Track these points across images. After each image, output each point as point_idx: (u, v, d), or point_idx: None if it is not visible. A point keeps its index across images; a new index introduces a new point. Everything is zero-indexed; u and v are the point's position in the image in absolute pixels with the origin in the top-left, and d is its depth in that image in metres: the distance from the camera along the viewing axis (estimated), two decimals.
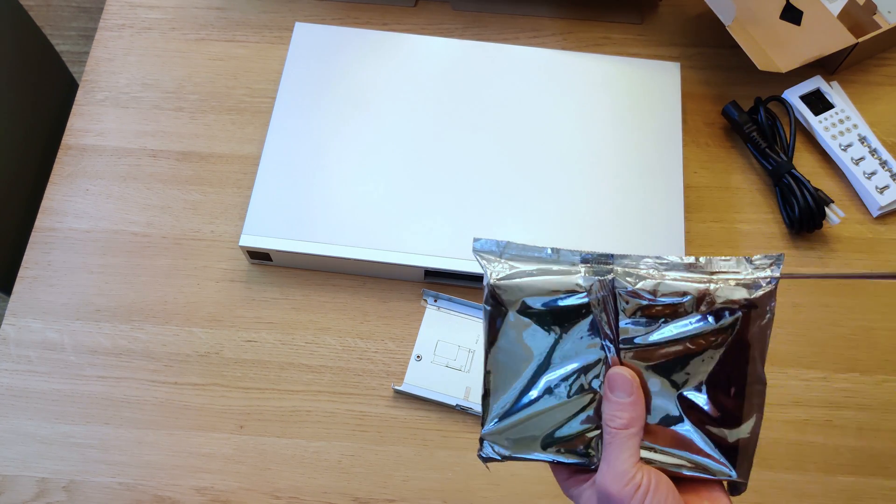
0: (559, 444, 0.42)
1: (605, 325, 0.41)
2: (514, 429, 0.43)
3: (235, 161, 0.75)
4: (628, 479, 0.38)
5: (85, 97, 0.78)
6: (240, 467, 0.64)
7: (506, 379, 0.43)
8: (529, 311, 0.42)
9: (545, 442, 0.42)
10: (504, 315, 0.42)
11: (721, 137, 0.78)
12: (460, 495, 0.64)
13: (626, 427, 0.39)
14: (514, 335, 0.42)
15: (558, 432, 0.42)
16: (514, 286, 0.42)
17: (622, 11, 0.83)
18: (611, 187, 0.70)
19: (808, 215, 0.71)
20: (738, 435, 0.41)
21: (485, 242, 0.43)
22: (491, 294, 0.42)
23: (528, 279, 0.42)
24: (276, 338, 0.68)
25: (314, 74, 0.75)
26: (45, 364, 0.67)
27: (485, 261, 0.43)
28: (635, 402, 0.40)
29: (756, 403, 0.41)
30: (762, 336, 0.40)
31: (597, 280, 0.41)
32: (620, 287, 0.41)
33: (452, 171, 0.71)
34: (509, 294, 0.42)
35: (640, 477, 0.38)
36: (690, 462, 0.41)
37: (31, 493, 0.63)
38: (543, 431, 0.42)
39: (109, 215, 0.73)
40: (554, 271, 0.42)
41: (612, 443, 0.39)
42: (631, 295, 0.41)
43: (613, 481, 0.39)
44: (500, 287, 0.42)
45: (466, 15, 0.83)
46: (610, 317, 0.41)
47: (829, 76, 0.80)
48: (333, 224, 0.68)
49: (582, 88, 0.75)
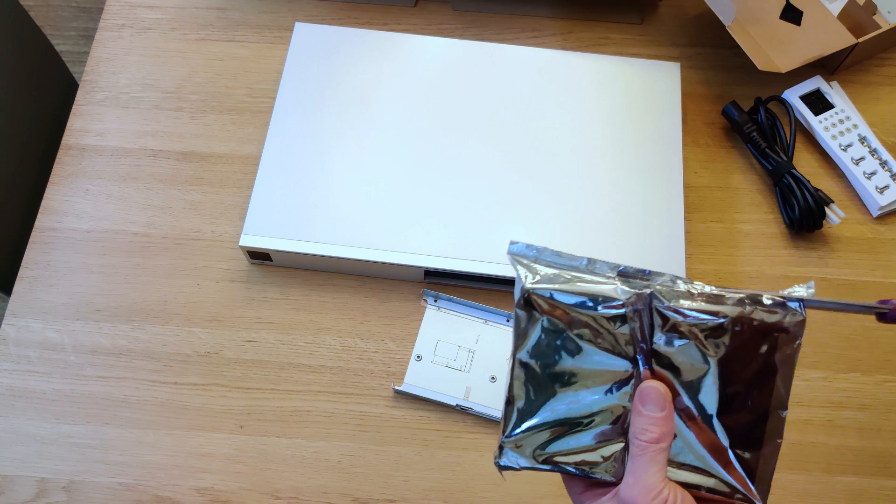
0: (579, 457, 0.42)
1: (638, 338, 0.41)
2: (535, 438, 0.42)
3: (235, 161, 0.75)
4: (656, 493, 0.38)
5: (85, 97, 0.78)
6: (240, 467, 0.64)
7: (531, 387, 0.42)
8: (564, 322, 0.42)
9: (566, 454, 0.42)
10: (536, 321, 0.42)
11: (721, 137, 0.78)
12: (461, 495, 0.64)
13: (657, 441, 0.39)
14: (544, 343, 0.42)
15: (579, 444, 0.42)
16: (548, 292, 0.42)
17: (622, 11, 0.83)
18: (611, 187, 0.70)
19: (808, 215, 0.71)
20: (758, 456, 0.41)
21: (520, 246, 0.43)
22: (525, 299, 0.42)
23: (563, 285, 0.41)
24: (276, 338, 0.68)
25: (314, 74, 0.75)
26: (45, 364, 0.67)
27: (520, 265, 0.42)
28: (667, 418, 0.40)
29: (777, 428, 0.41)
30: (789, 362, 0.40)
31: (634, 293, 0.41)
32: (658, 302, 0.40)
33: (452, 170, 0.70)
34: (543, 300, 0.42)
35: (668, 493, 0.38)
36: (711, 478, 0.41)
37: (31, 493, 0.63)
38: (567, 442, 0.42)
39: (109, 215, 0.73)
40: (588, 280, 0.42)
41: (642, 456, 0.39)
42: (668, 310, 0.40)
43: (641, 494, 0.38)
44: (536, 292, 0.42)
45: (466, 15, 0.83)
46: (644, 331, 0.41)
47: (829, 76, 0.80)
48: (333, 224, 0.68)
49: (582, 88, 0.75)
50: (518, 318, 0.42)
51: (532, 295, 0.41)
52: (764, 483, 0.41)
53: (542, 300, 0.41)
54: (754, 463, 0.41)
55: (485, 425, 0.65)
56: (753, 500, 0.41)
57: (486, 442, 0.65)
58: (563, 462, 0.42)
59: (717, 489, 0.41)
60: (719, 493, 0.41)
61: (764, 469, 0.41)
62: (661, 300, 0.40)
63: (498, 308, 0.68)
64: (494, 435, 0.65)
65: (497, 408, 0.65)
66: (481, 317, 0.69)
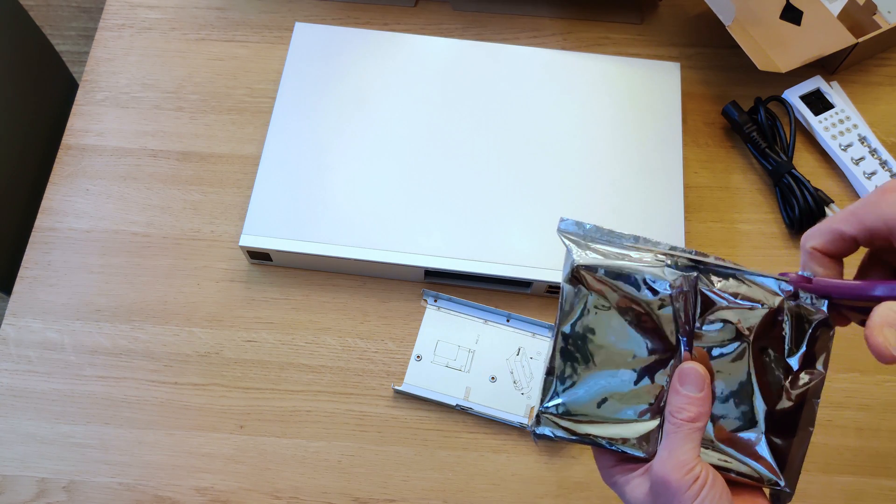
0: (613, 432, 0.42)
1: (682, 319, 0.41)
2: (571, 410, 0.43)
3: (235, 161, 0.75)
4: (689, 469, 0.39)
5: (85, 97, 0.78)
6: (240, 467, 0.64)
7: (572, 360, 0.43)
8: (611, 297, 0.42)
9: (600, 428, 0.42)
10: (582, 297, 0.42)
11: (721, 137, 0.78)
12: (460, 495, 0.64)
13: (693, 420, 0.40)
14: (589, 318, 0.43)
15: (615, 420, 0.42)
16: (597, 269, 0.42)
17: (622, 11, 0.83)
18: (611, 187, 0.70)
19: (808, 215, 0.71)
20: (790, 444, 0.41)
21: (569, 223, 0.43)
22: (573, 274, 0.42)
23: (611, 262, 0.42)
24: (276, 338, 0.68)
25: (314, 74, 0.75)
26: (45, 364, 0.67)
27: (569, 241, 0.43)
28: (705, 399, 0.40)
29: (810, 416, 0.41)
30: (826, 349, 0.41)
31: (681, 275, 0.41)
32: (703, 285, 0.41)
33: (452, 170, 0.71)
34: (591, 277, 0.42)
35: (700, 469, 0.39)
36: (742, 463, 0.41)
37: (31, 493, 0.63)
38: (603, 417, 0.42)
39: (109, 215, 0.73)
40: (636, 259, 0.42)
41: (677, 433, 0.40)
42: (713, 294, 0.41)
43: (674, 469, 0.39)
44: (584, 268, 0.42)
45: (466, 15, 0.83)
46: (689, 312, 0.41)
47: (829, 76, 0.80)
48: (333, 224, 0.68)
49: (582, 88, 0.75)
50: (565, 293, 0.43)
51: (580, 271, 0.42)
52: (793, 471, 0.41)
53: (589, 276, 0.42)
54: (786, 449, 0.41)
55: (485, 425, 0.66)
56: (782, 487, 0.41)
57: (486, 442, 0.65)
58: (596, 435, 0.42)
59: (746, 474, 0.41)
60: (748, 478, 0.41)
61: (794, 456, 0.41)
62: (707, 283, 0.41)
63: (498, 308, 0.68)
64: (494, 435, 0.65)
65: (497, 408, 0.65)
66: (481, 317, 0.69)
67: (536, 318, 0.68)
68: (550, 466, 0.64)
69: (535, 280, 0.67)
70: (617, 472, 0.43)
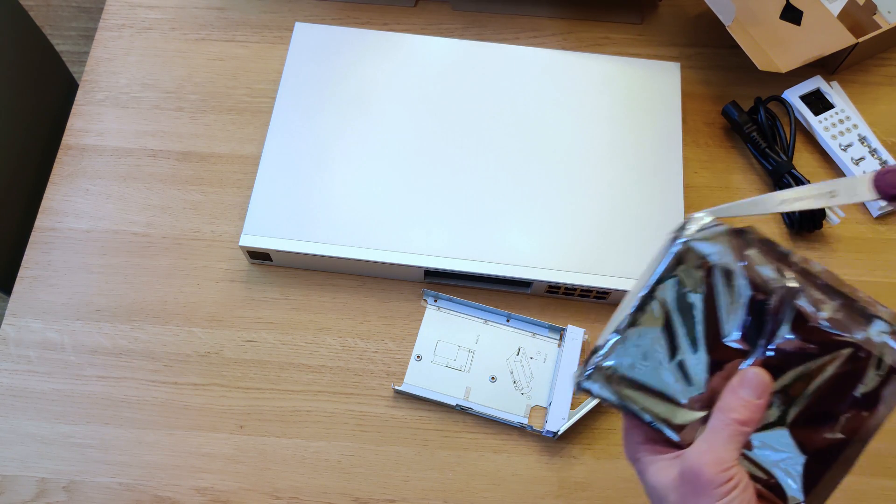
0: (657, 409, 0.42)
1: (768, 326, 0.41)
2: (626, 376, 0.43)
3: (235, 161, 0.75)
4: (726, 468, 0.39)
5: (85, 97, 0.78)
6: (240, 467, 0.64)
7: (642, 329, 0.43)
8: (704, 279, 0.42)
9: (648, 401, 0.42)
10: (679, 272, 0.42)
11: (721, 137, 0.78)
12: (461, 495, 0.64)
13: (743, 424, 0.40)
14: (676, 292, 0.43)
15: (662, 398, 0.42)
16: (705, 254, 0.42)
17: (622, 11, 0.84)
18: (611, 187, 0.70)
19: (808, 215, 0.71)
20: (825, 472, 0.41)
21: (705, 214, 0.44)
22: (680, 252, 0.42)
23: (722, 248, 0.42)
24: (276, 338, 0.68)
25: (314, 74, 0.75)
26: (45, 364, 0.67)
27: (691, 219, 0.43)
28: (760, 407, 0.40)
29: (852, 456, 0.42)
30: (892, 401, 0.41)
31: (785, 284, 0.41)
32: (802, 300, 0.41)
33: (452, 170, 0.70)
34: (692, 258, 0.42)
35: (736, 471, 0.39)
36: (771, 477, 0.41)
37: (31, 493, 0.63)
38: (653, 392, 0.42)
39: (109, 215, 0.73)
40: (746, 255, 0.42)
41: (723, 430, 0.40)
42: (806, 311, 0.41)
43: (711, 464, 0.39)
44: (692, 246, 0.42)
45: (466, 15, 0.83)
46: (777, 319, 0.41)
47: (829, 76, 0.80)
48: (333, 224, 0.68)
49: (582, 88, 0.75)
50: (666, 262, 0.43)
51: (688, 245, 0.42)
52: (819, 499, 0.41)
53: (693, 256, 0.42)
54: (819, 476, 0.41)
55: (485, 425, 0.66)
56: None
57: (486, 442, 0.65)
58: (641, 407, 0.42)
59: (773, 487, 0.41)
60: (774, 492, 0.41)
61: (825, 486, 0.41)
62: (808, 299, 0.41)
63: (498, 308, 0.68)
64: (494, 435, 0.65)
65: (497, 408, 0.65)
66: (481, 317, 0.69)
67: (536, 318, 0.68)
68: (551, 466, 0.64)
69: (535, 280, 0.67)
70: (644, 449, 0.43)
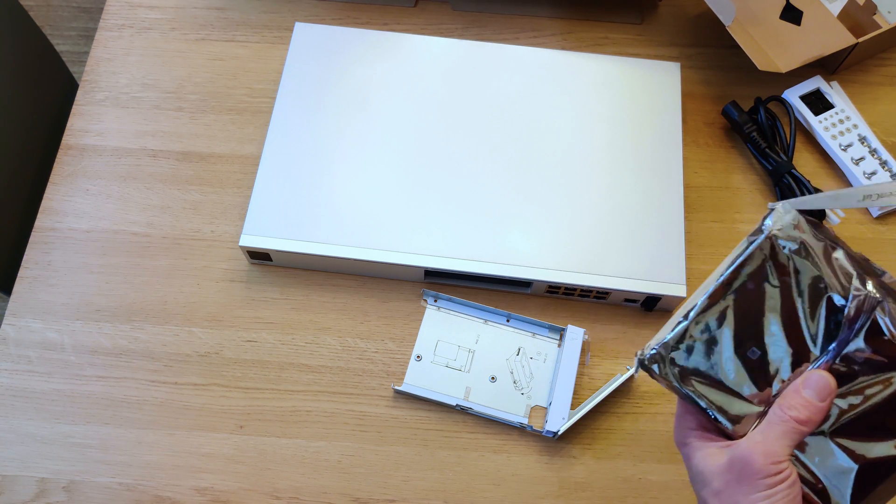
0: (715, 398, 0.42)
1: (845, 334, 0.41)
2: (688, 361, 0.43)
3: (235, 161, 0.75)
4: (778, 460, 0.39)
5: (85, 97, 0.78)
6: (240, 467, 0.64)
7: (714, 318, 0.43)
8: (784, 280, 0.42)
9: (708, 390, 0.42)
10: (760, 264, 0.42)
11: (721, 137, 0.78)
12: (461, 495, 0.64)
13: (801, 423, 0.40)
14: (753, 285, 0.42)
15: (727, 388, 0.42)
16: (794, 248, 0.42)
17: (622, 11, 0.84)
18: (611, 187, 0.70)
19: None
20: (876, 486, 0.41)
21: (783, 204, 0.44)
22: (769, 250, 0.42)
23: (812, 249, 0.42)
24: (276, 338, 0.68)
25: (314, 74, 0.75)
26: (45, 364, 0.67)
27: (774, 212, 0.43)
28: (822, 409, 0.40)
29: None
30: None
31: (865, 294, 0.41)
32: (882, 314, 0.40)
33: (452, 170, 0.70)
34: (773, 252, 0.42)
35: (786, 466, 0.39)
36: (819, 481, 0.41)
37: (31, 493, 0.63)
38: (715, 381, 0.42)
39: (109, 215, 0.73)
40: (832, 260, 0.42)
41: (780, 426, 0.40)
42: (885, 326, 0.40)
43: (763, 454, 0.39)
44: (780, 243, 0.42)
45: (466, 15, 0.83)
46: (853, 329, 0.41)
47: (829, 76, 0.80)
48: (333, 224, 0.68)
49: (582, 88, 0.75)
50: (744, 251, 0.43)
51: (775, 241, 0.42)
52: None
53: (781, 253, 0.42)
54: (869, 489, 0.41)
55: (485, 425, 0.66)
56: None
57: (486, 442, 0.65)
58: (700, 394, 0.42)
59: (821, 491, 0.41)
60: (821, 498, 0.41)
61: (872, 500, 0.41)
62: (886, 314, 0.40)
63: (498, 308, 0.68)
64: (494, 435, 0.65)
65: (497, 408, 0.65)
66: (481, 317, 0.69)
67: (536, 318, 0.68)
68: (551, 466, 0.64)
69: (535, 280, 0.67)
70: (695, 435, 0.43)
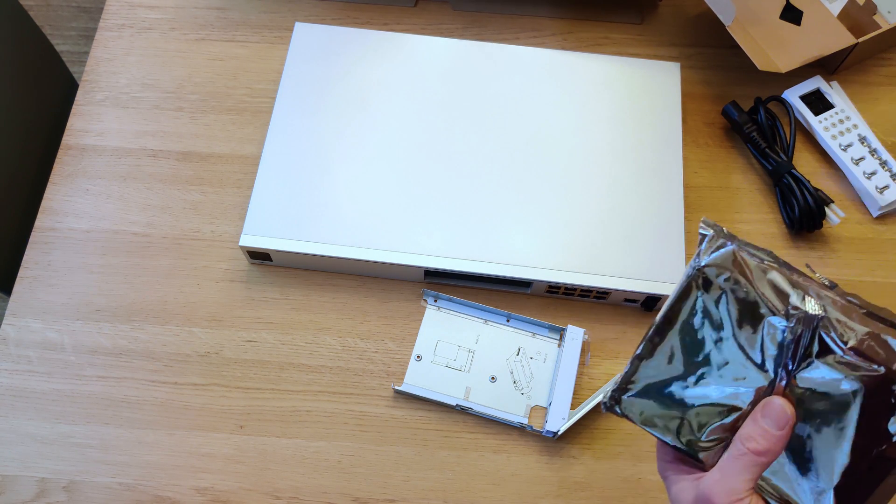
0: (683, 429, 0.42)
1: (789, 354, 0.40)
2: (650, 401, 0.43)
3: (235, 161, 0.75)
4: (737, 499, 0.38)
5: (85, 97, 0.78)
6: (240, 467, 0.64)
7: (664, 353, 0.43)
8: (723, 310, 0.42)
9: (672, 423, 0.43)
10: (696, 297, 0.42)
11: (721, 137, 0.78)
12: (461, 495, 0.64)
13: (760, 454, 0.39)
14: (695, 318, 0.42)
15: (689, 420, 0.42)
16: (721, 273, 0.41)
17: (622, 11, 0.84)
18: (610, 187, 0.70)
19: (808, 215, 0.71)
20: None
21: (714, 225, 0.43)
22: (695, 274, 0.42)
23: (737, 274, 0.41)
24: (276, 338, 0.68)
25: (314, 74, 0.75)
26: (45, 364, 0.67)
27: (708, 241, 0.42)
28: (780, 438, 0.39)
29: (888, 492, 0.39)
30: None
31: (804, 312, 0.39)
32: (826, 329, 0.39)
33: (452, 170, 0.71)
34: (706, 282, 0.42)
35: (748, 501, 0.39)
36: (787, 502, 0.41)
37: (31, 493, 0.63)
38: (676, 415, 0.42)
39: (109, 215, 0.73)
40: (766, 278, 0.41)
41: (739, 459, 0.39)
42: (830, 340, 0.39)
43: (722, 493, 0.39)
44: (706, 272, 0.41)
45: (466, 15, 0.83)
46: (798, 350, 0.40)
47: (829, 76, 0.80)
48: (333, 224, 0.68)
49: (582, 88, 0.75)
50: (681, 285, 0.42)
51: (705, 271, 0.41)
52: None
53: (715, 283, 0.41)
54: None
55: (485, 425, 0.66)
56: None
57: (486, 442, 0.65)
58: (664, 428, 0.43)
59: None
60: None
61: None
62: (829, 328, 0.39)
63: (498, 308, 0.68)
64: (495, 435, 0.65)
65: (497, 408, 0.65)
66: (481, 317, 0.69)
67: (536, 318, 0.68)
68: (551, 466, 0.64)
69: (535, 280, 0.67)
70: (671, 468, 0.43)
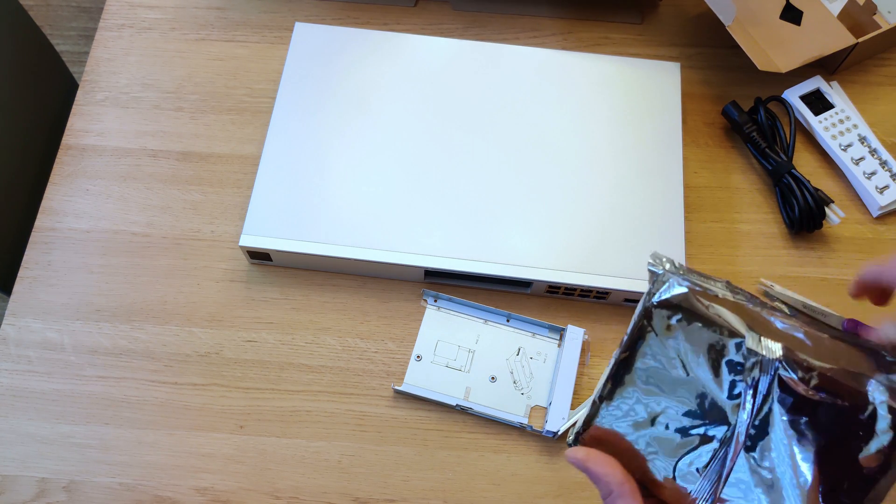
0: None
1: (748, 410, 0.37)
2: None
3: (235, 161, 0.75)
4: None
5: (85, 97, 0.78)
6: (240, 467, 0.64)
7: (623, 398, 0.41)
8: (679, 351, 0.39)
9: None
10: (650, 336, 0.39)
11: (721, 137, 0.78)
12: (461, 495, 0.64)
13: None
14: (648, 359, 0.40)
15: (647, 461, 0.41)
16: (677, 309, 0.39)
17: (622, 11, 0.84)
18: (610, 187, 0.70)
19: (808, 215, 0.71)
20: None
21: (665, 259, 0.40)
22: (646, 314, 0.39)
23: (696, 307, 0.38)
24: (276, 338, 0.68)
25: (314, 74, 0.75)
26: (45, 364, 0.67)
27: (657, 280, 0.39)
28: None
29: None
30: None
31: (760, 358, 0.37)
32: (787, 370, 0.36)
33: (452, 170, 0.71)
34: (660, 323, 0.39)
35: None
36: None
37: (31, 493, 0.63)
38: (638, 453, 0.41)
39: (109, 215, 0.73)
40: (721, 312, 0.38)
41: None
42: (793, 385, 0.36)
43: None
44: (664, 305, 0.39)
45: (466, 15, 0.83)
46: (756, 401, 0.37)
47: (829, 76, 0.80)
48: (333, 224, 0.68)
49: (582, 88, 0.75)
50: (632, 328, 0.40)
51: (658, 308, 0.39)
52: None
53: (665, 317, 0.39)
54: None
55: (485, 425, 0.66)
56: None
57: (486, 442, 0.65)
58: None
59: None
60: None
61: None
62: (789, 368, 0.36)
63: (498, 308, 0.68)
64: (495, 435, 0.65)
65: (497, 408, 0.65)
66: (481, 317, 0.69)
67: (536, 318, 0.68)
68: (550, 466, 0.64)
69: (535, 280, 0.67)
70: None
